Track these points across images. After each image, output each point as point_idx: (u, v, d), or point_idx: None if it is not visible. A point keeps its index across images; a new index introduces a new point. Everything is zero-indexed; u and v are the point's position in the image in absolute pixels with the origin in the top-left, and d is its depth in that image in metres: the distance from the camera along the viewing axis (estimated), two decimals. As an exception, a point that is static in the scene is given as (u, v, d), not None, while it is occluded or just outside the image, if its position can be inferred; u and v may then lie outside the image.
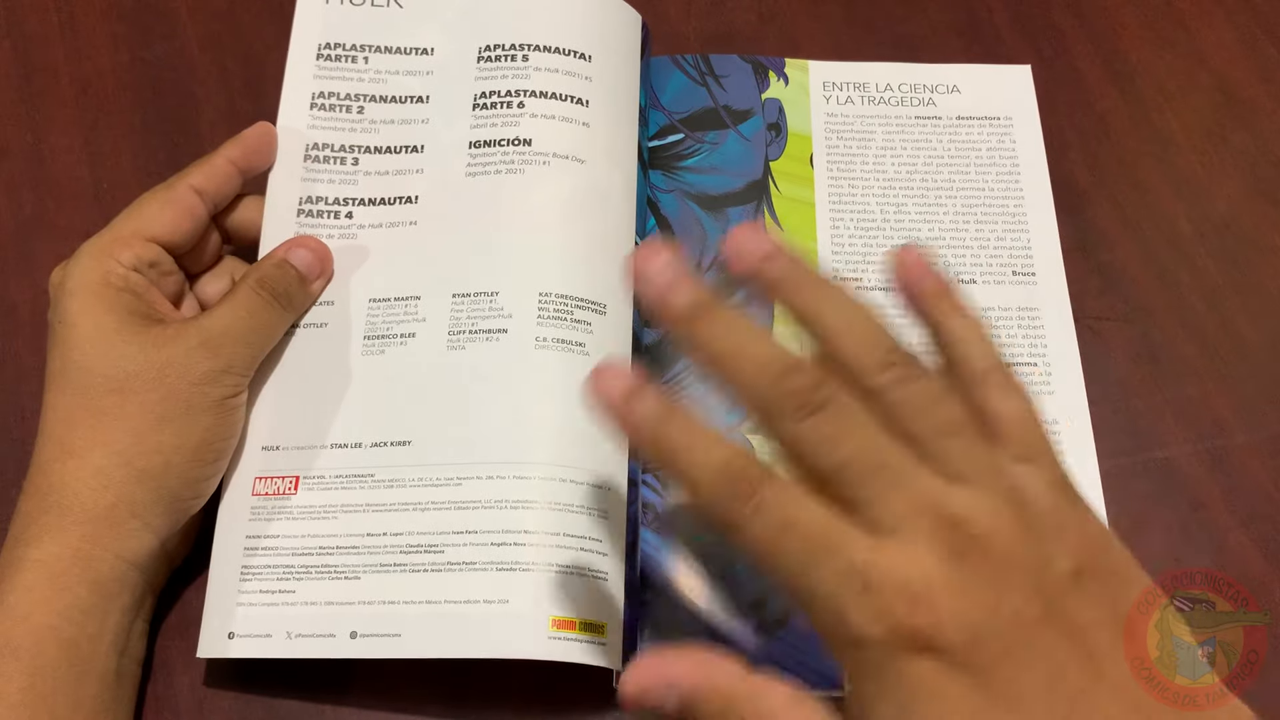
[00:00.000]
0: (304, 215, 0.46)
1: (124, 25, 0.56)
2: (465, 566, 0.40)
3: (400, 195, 0.47)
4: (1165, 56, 0.57)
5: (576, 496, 0.41)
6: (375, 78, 0.49)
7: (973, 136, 0.53)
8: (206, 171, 0.43)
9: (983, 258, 0.50)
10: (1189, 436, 0.48)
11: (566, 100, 0.47)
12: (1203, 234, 0.52)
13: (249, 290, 0.42)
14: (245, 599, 0.41)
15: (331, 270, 0.45)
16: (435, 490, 0.41)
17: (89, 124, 0.54)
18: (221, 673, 0.42)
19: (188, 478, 0.40)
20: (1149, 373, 0.49)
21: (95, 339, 0.39)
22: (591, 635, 0.40)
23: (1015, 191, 0.52)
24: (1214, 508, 0.46)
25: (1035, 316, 0.49)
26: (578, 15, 0.49)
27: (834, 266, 0.50)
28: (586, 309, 0.44)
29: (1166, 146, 0.54)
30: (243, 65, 0.55)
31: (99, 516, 0.38)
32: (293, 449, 0.43)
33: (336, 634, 0.40)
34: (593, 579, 0.41)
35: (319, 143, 0.47)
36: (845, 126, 0.54)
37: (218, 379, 0.40)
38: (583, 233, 0.46)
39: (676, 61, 0.54)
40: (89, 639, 0.37)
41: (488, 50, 0.49)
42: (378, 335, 0.44)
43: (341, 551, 0.41)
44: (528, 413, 0.42)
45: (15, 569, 0.37)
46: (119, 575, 0.38)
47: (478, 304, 0.44)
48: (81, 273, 0.40)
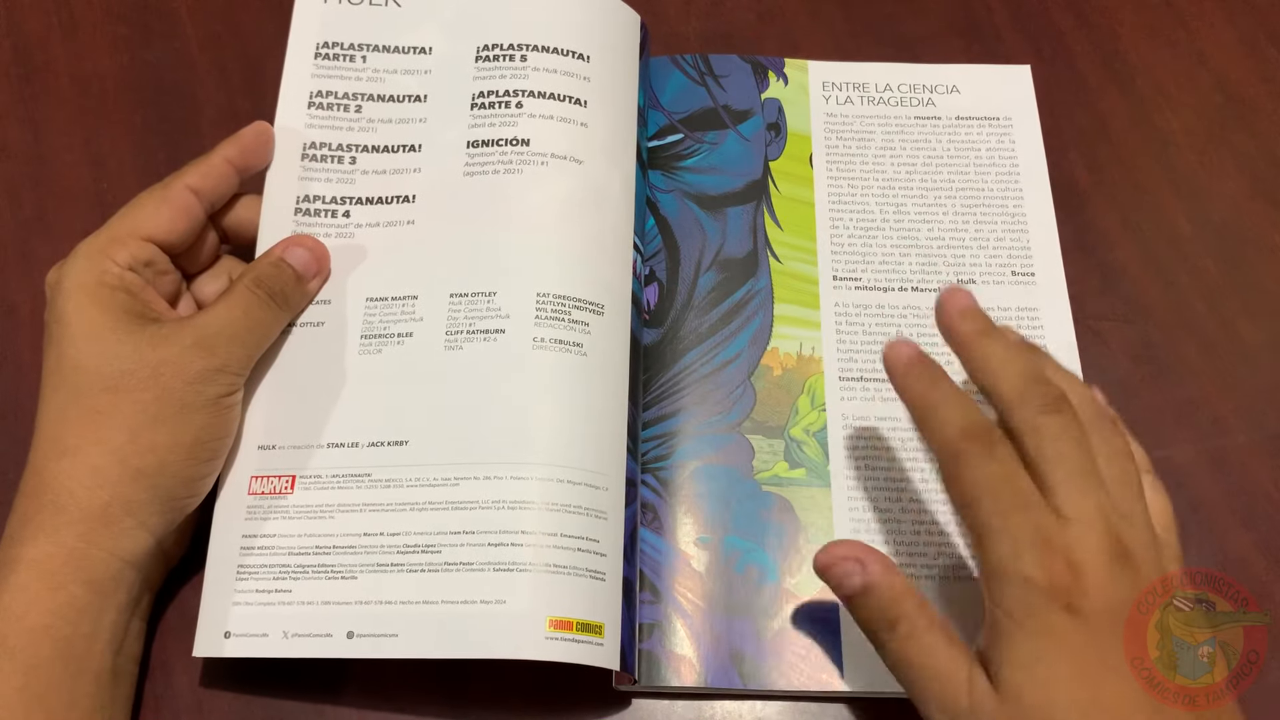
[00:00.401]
0: (301, 214, 0.46)
1: (124, 25, 0.57)
2: (463, 567, 0.40)
3: (398, 194, 0.47)
4: (1165, 56, 0.57)
5: (574, 497, 0.41)
6: (373, 77, 0.49)
7: (972, 137, 0.53)
8: (203, 171, 0.43)
9: (982, 258, 0.50)
10: (1189, 436, 0.47)
11: (565, 100, 0.47)
12: (1203, 234, 0.52)
13: (245, 289, 0.42)
14: (242, 598, 0.41)
15: (329, 269, 0.45)
16: (432, 490, 0.41)
17: (89, 124, 0.54)
18: (219, 672, 0.42)
19: (183, 476, 0.40)
20: (1149, 373, 0.49)
21: (90, 338, 0.39)
22: (589, 635, 0.40)
23: (1015, 192, 0.52)
24: (1214, 508, 0.46)
25: (1035, 316, 0.49)
26: (576, 15, 0.49)
27: (834, 266, 0.50)
28: (584, 309, 0.44)
29: (1166, 146, 0.54)
30: (243, 65, 0.55)
31: (94, 515, 0.38)
32: (289, 448, 0.43)
33: (333, 634, 0.40)
34: (590, 579, 0.41)
35: (317, 142, 0.47)
36: (845, 126, 0.54)
37: (213, 378, 0.40)
38: (580, 233, 0.46)
39: (676, 61, 0.54)
40: (84, 638, 0.37)
41: (486, 50, 0.49)
42: (375, 335, 0.44)
43: (338, 551, 0.41)
44: (525, 413, 0.42)
45: (10, 568, 0.37)
46: (114, 574, 0.38)
47: (475, 304, 0.44)
48: (76, 272, 0.40)
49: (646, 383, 0.47)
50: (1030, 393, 0.37)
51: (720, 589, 0.43)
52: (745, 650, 0.42)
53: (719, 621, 0.43)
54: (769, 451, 0.46)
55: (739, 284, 0.49)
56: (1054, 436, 0.36)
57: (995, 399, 0.38)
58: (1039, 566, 0.34)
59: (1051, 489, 0.36)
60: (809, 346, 0.48)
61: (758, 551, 0.44)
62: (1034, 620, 0.34)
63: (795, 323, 0.49)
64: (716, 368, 0.48)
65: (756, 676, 0.42)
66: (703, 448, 0.46)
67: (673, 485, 0.45)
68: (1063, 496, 0.35)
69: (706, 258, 0.50)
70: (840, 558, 0.38)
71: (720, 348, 0.48)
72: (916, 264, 0.50)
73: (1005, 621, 0.35)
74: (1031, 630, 0.34)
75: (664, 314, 0.49)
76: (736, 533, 0.44)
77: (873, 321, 0.49)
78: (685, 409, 0.47)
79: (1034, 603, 0.34)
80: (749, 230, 0.51)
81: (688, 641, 0.42)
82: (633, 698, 0.43)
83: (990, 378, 0.38)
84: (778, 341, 0.48)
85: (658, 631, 0.42)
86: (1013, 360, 0.39)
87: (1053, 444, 0.36)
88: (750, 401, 0.47)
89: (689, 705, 0.43)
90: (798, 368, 0.48)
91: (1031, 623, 0.34)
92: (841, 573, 0.37)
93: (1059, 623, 0.34)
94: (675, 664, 0.42)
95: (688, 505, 0.45)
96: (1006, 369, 0.38)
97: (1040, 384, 0.38)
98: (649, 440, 0.46)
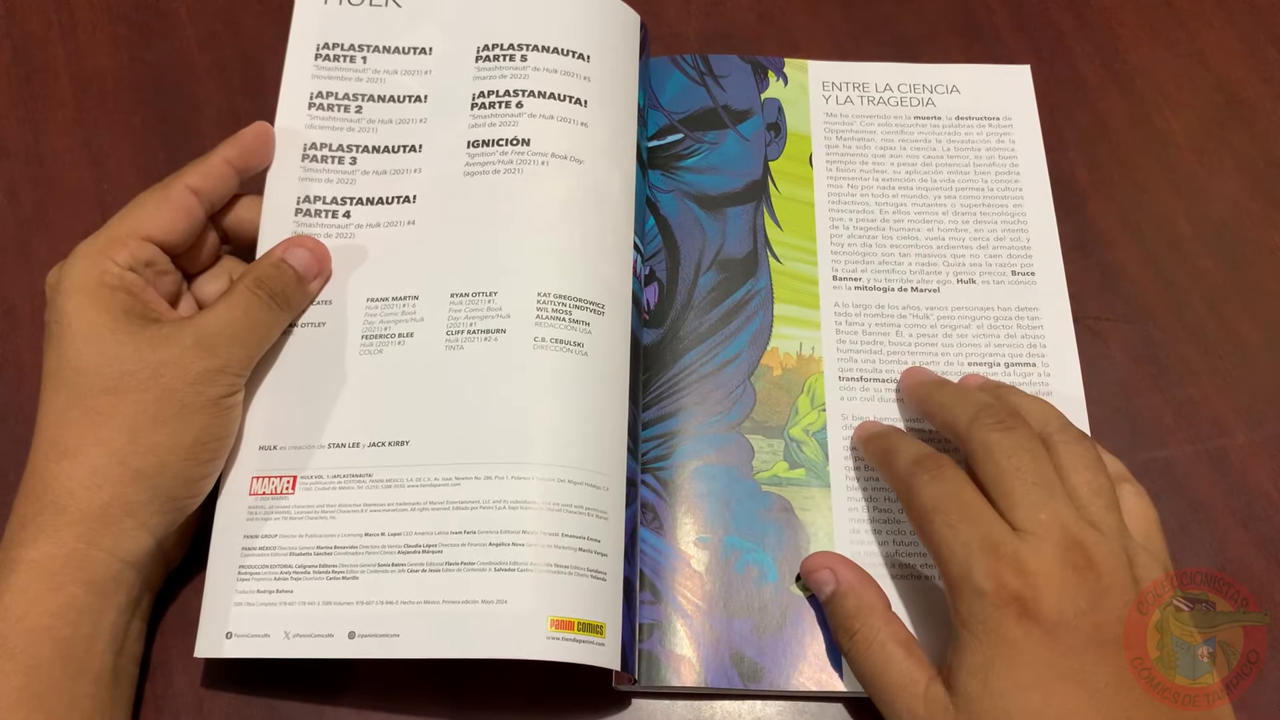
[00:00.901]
0: (302, 215, 0.46)
1: (124, 25, 0.57)
2: (464, 566, 0.40)
3: (398, 195, 0.47)
4: (1165, 56, 0.57)
5: (575, 497, 0.41)
6: (373, 77, 0.49)
7: (972, 136, 0.53)
8: (203, 171, 0.43)
9: (982, 258, 0.50)
10: (1189, 436, 0.47)
11: (565, 100, 0.47)
12: (1203, 234, 0.52)
13: (246, 290, 0.42)
14: (243, 599, 0.41)
15: (329, 270, 0.45)
16: (433, 490, 0.41)
17: (89, 124, 0.54)
18: (220, 672, 0.42)
19: (183, 477, 0.40)
20: (1149, 373, 0.49)
21: (90, 339, 0.39)
22: (590, 635, 0.40)
23: (1015, 191, 0.52)
24: (1214, 508, 0.46)
25: (1035, 316, 0.49)
26: (576, 15, 0.49)
27: (833, 266, 0.50)
28: (585, 309, 0.44)
29: (1166, 146, 0.54)
30: (243, 65, 0.55)
31: (94, 516, 0.38)
32: (290, 449, 0.43)
33: (335, 634, 0.40)
34: (591, 579, 0.41)
35: (317, 142, 0.47)
36: (844, 126, 0.54)
37: (213, 379, 0.40)
38: (581, 233, 0.46)
39: (676, 61, 0.54)
40: (84, 638, 0.37)
41: (486, 50, 0.49)
42: (375, 335, 0.44)
43: (339, 551, 0.41)
44: (526, 413, 0.42)
45: (10, 569, 0.37)
46: (115, 574, 0.38)
47: (476, 304, 0.44)
48: (77, 273, 0.40)
49: (646, 383, 0.47)
50: (981, 415, 0.39)
51: (720, 589, 0.43)
52: (745, 650, 0.42)
53: (719, 621, 0.43)
54: (769, 451, 0.46)
55: (739, 284, 0.49)
56: (1008, 451, 0.38)
57: (953, 433, 0.41)
58: (988, 576, 0.35)
59: (1010, 503, 0.37)
60: (809, 346, 0.48)
61: (757, 551, 0.44)
62: (987, 629, 0.35)
63: (795, 323, 0.49)
64: (716, 368, 0.48)
65: (756, 676, 0.42)
66: (702, 448, 0.46)
67: (672, 485, 0.45)
68: (1021, 509, 0.36)
69: (706, 258, 0.50)
70: (817, 566, 0.42)
71: (720, 348, 0.48)
72: (916, 264, 0.50)
73: (962, 632, 0.36)
74: (985, 639, 0.35)
75: (664, 314, 0.49)
76: (736, 533, 0.44)
77: (873, 321, 0.49)
78: (685, 409, 0.47)
79: (987, 612, 0.35)
80: (749, 230, 0.51)
81: (687, 641, 0.42)
82: (632, 698, 0.43)
83: (946, 414, 0.41)
84: (777, 341, 0.48)
85: (657, 631, 0.43)
86: (965, 396, 0.42)
87: (1007, 458, 0.37)
88: (750, 401, 0.47)
89: (689, 705, 0.43)
90: (798, 368, 0.48)
91: (985, 632, 0.35)
92: (817, 580, 0.41)
93: (1012, 631, 0.34)
94: (675, 664, 0.42)
95: (688, 505, 0.45)
96: (960, 404, 0.41)
97: (989, 407, 0.40)
98: (649, 440, 0.46)
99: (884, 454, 0.42)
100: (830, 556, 0.42)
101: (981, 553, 0.36)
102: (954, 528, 0.37)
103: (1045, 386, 0.47)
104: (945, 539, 0.37)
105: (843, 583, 0.40)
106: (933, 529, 0.37)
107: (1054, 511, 0.36)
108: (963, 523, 0.37)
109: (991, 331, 0.49)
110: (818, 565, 0.42)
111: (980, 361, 0.48)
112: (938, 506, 0.38)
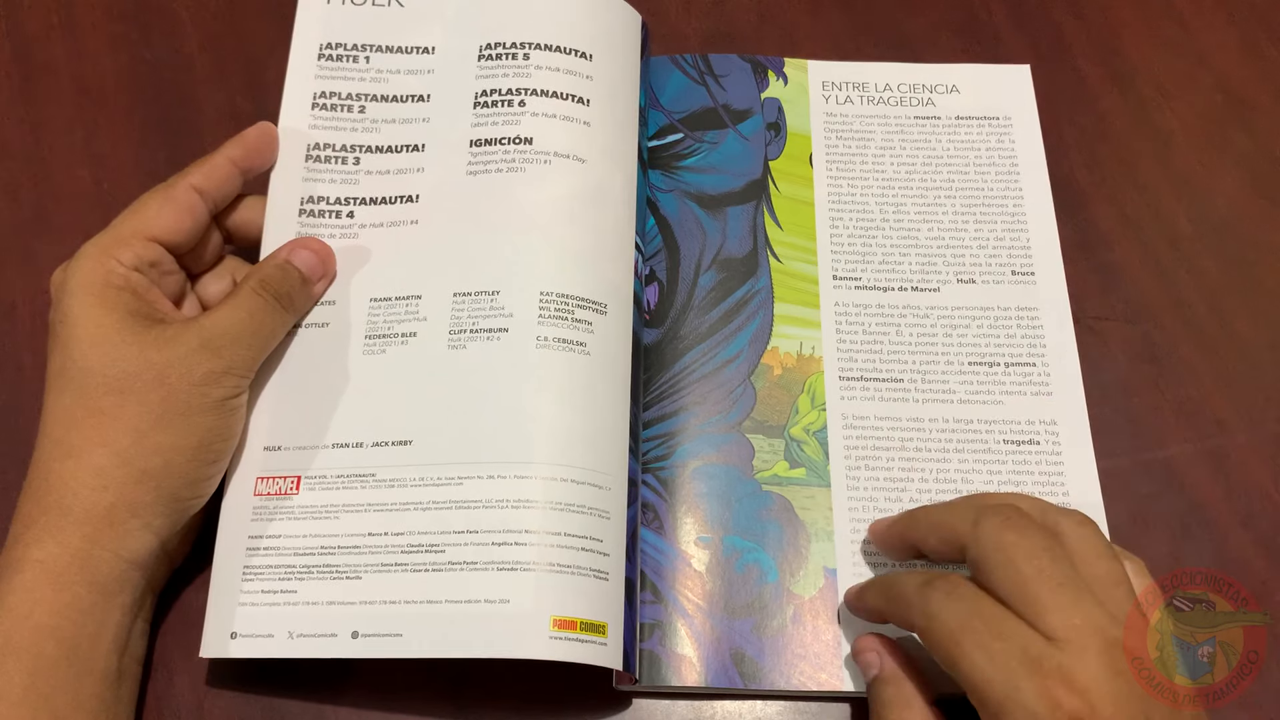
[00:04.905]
0: (305, 215, 0.46)
1: (124, 25, 0.56)
2: (466, 566, 0.40)
3: (401, 194, 0.47)
4: (1165, 56, 0.57)
5: (577, 496, 0.41)
6: (376, 77, 0.49)
7: (972, 136, 0.53)
8: (207, 171, 0.43)
9: (982, 258, 0.50)
10: (1189, 436, 0.48)
11: (567, 99, 0.47)
12: (1203, 234, 0.52)
13: (251, 291, 0.42)
14: (247, 599, 0.41)
15: (334, 271, 0.45)
16: (436, 490, 0.41)
17: (89, 124, 0.54)
18: (223, 672, 0.42)
19: (188, 478, 0.40)
20: (1149, 373, 0.49)
21: (95, 339, 0.39)
22: (593, 635, 0.40)
23: (1014, 191, 0.52)
24: (1214, 508, 0.46)
25: (1035, 316, 0.49)
26: (578, 14, 0.49)
27: (834, 266, 0.50)
28: (587, 308, 0.44)
29: (1166, 146, 0.54)
30: (243, 65, 0.55)
31: (99, 516, 0.38)
32: (294, 449, 0.43)
33: (338, 634, 0.40)
34: (594, 579, 0.41)
35: (320, 143, 0.47)
36: (844, 126, 0.54)
37: (218, 380, 0.40)
38: (583, 231, 0.46)
39: (676, 61, 0.54)
40: (89, 638, 0.37)
41: (489, 49, 0.49)
42: (379, 335, 0.44)
43: (343, 551, 0.41)
44: (529, 412, 0.42)
45: (15, 569, 0.37)
46: (119, 575, 0.38)
47: (479, 303, 0.44)
48: (82, 273, 0.40)
49: (647, 382, 0.47)
50: (983, 517, 0.37)
51: (720, 589, 0.43)
52: (745, 650, 0.42)
53: (719, 621, 0.43)
54: (769, 451, 0.46)
55: (739, 283, 0.50)
56: (1028, 553, 0.35)
57: (956, 546, 0.38)
58: (1039, 697, 0.33)
59: (1039, 610, 0.34)
60: (809, 346, 0.48)
61: (758, 551, 0.44)
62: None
63: (795, 322, 0.49)
64: (717, 367, 0.48)
65: (756, 676, 0.42)
66: (703, 447, 0.46)
67: (673, 485, 0.45)
68: (1052, 616, 0.34)
69: (706, 257, 0.50)
70: (866, 647, 0.40)
71: (720, 347, 0.48)
72: (916, 263, 0.50)
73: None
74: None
75: (664, 314, 0.49)
76: (737, 532, 0.45)
77: (873, 321, 0.49)
78: (685, 409, 0.47)
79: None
80: (749, 230, 0.51)
81: (688, 641, 0.43)
82: (633, 697, 0.43)
83: (943, 530, 0.39)
84: (778, 341, 0.48)
85: (658, 631, 0.43)
86: (953, 506, 0.40)
87: (1028, 561, 0.35)
88: (750, 401, 0.47)
89: (689, 705, 0.43)
90: (798, 367, 0.48)
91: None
92: (864, 661, 0.40)
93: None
94: (676, 664, 0.42)
95: (688, 505, 0.45)
96: (953, 515, 0.39)
97: (990, 509, 0.37)
98: (649, 440, 0.46)
99: (885, 591, 0.40)
100: (882, 640, 0.40)
101: (1025, 671, 0.33)
102: (987, 648, 0.34)
103: (1045, 386, 0.47)
104: (978, 663, 0.34)
105: (886, 669, 0.39)
106: (962, 652, 0.34)
107: (1086, 614, 0.34)
108: (995, 640, 0.34)
109: (991, 331, 0.49)
110: (867, 647, 0.40)
111: (980, 361, 0.48)
112: (964, 626, 0.35)
